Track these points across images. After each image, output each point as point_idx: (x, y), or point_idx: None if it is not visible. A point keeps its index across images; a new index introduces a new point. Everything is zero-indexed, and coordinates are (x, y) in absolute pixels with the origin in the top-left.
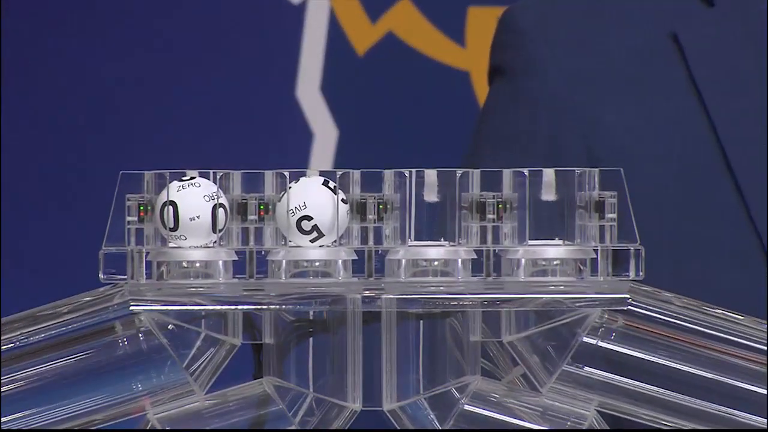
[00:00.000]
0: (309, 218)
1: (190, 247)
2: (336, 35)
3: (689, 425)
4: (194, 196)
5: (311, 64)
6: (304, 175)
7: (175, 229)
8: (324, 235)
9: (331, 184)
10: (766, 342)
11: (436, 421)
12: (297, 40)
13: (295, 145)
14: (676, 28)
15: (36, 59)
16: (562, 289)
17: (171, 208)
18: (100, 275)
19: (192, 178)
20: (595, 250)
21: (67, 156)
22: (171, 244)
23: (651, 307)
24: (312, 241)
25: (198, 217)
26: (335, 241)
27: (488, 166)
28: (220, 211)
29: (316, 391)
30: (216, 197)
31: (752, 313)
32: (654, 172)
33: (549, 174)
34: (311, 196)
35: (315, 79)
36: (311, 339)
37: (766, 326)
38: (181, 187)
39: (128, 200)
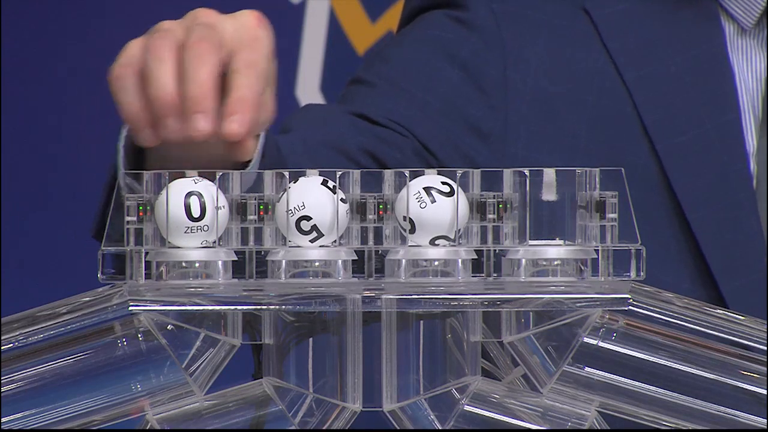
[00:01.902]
0: (308, 218)
1: (190, 246)
2: (336, 35)
3: (690, 425)
4: (212, 188)
5: (311, 64)
6: (303, 174)
7: (200, 218)
8: (323, 235)
9: (331, 184)
10: (766, 342)
11: (436, 422)
12: (297, 40)
13: None
14: (585, 3)
15: (36, 59)
16: (562, 289)
17: (196, 198)
18: (99, 275)
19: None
20: (596, 250)
21: (67, 156)
22: (187, 237)
23: (652, 308)
24: (311, 241)
25: (223, 207)
26: (335, 241)
27: (403, 52)
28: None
29: (315, 392)
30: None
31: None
32: (568, 117)
33: (549, 174)
34: (310, 196)
35: (315, 79)
36: (311, 339)
37: (766, 326)
38: (196, 181)
39: (128, 200)
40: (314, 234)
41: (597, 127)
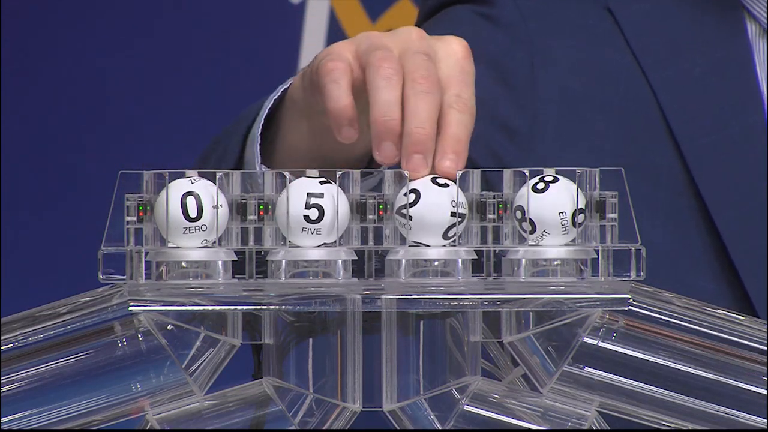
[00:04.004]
0: (309, 218)
1: (192, 246)
2: (336, 35)
3: (690, 425)
4: (212, 187)
5: None
6: (304, 174)
7: (197, 218)
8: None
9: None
10: (766, 342)
11: (436, 422)
12: (297, 40)
13: None
14: (609, 3)
15: (36, 58)
16: (562, 289)
17: (193, 198)
18: (99, 275)
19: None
20: (596, 251)
21: (67, 156)
22: (186, 237)
23: (652, 308)
24: (315, 221)
25: (221, 206)
26: (335, 241)
27: None
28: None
29: (315, 392)
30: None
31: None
32: (594, 117)
33: (549, 174)
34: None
35: None
36: (311, 339)
37: (766, 326)
38: (193, 181)
39: (127, 200)
40: (318, 221)
41: (623, 127)
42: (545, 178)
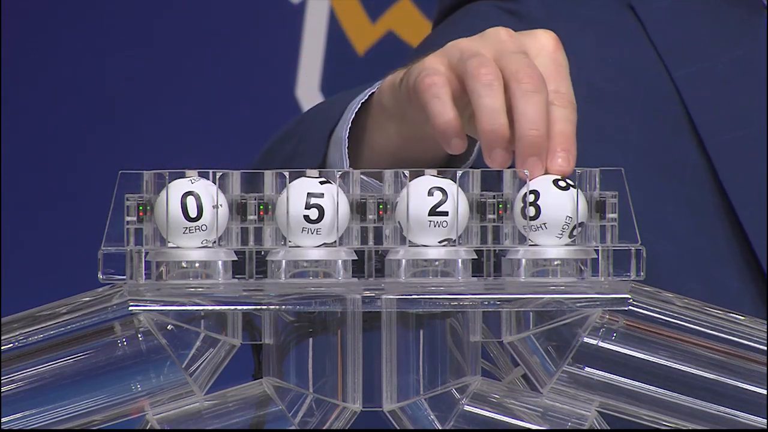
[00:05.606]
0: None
1: (191, 246)
2: (336, 35)
3: (690, 425)
4: (212, 187)
5: (311, 64)
6: (303, 175)
7: (197, 218)
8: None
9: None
10: (766, 342)
11: (436, 422)
12: (297, 40)
13: None
14: (631, 0)
15: (36, 58)
16: (562, 289)
17: (194, 198)
18: (99, 275)
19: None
20: (596, 250)
21: (67, 156)
22: (186, 237)
23: (652, 308)
24: (315, 221)
25: (221, 205)
26: (335, 241)
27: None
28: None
29: (315, 392)
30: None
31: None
32: (618, 114)
33: (570, 179)
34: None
35: (315, 79)
36: (311, 339)
37: (766, 326)
38: (193, 181)
39: (127, 200)
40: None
41: (647, 124)
42: (567, 180)
